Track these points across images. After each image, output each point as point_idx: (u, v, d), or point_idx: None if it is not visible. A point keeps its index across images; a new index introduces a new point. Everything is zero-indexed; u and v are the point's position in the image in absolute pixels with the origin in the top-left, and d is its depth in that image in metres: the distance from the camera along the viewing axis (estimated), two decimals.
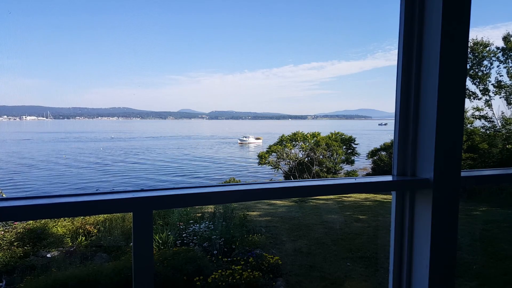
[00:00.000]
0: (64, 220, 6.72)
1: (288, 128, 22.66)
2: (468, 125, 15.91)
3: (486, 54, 15.42)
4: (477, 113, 16.00)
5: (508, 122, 15.32)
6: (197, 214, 7.61)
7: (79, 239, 6.35)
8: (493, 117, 15.90)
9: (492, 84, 15.60)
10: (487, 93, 15.82)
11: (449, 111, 1.56)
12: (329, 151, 19.21)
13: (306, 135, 19.65)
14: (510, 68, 15.12)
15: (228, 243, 6.13)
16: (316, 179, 1.64)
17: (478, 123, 16.19)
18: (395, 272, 1.73)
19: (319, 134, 19.82)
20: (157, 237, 6.11)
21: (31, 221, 6.47)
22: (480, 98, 15.98)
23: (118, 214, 6.73)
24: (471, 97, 16.00)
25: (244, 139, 36.66)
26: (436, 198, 1.57)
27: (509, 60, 15.17)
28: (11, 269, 5.34)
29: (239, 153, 33.29)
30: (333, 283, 5.31)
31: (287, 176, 19.00)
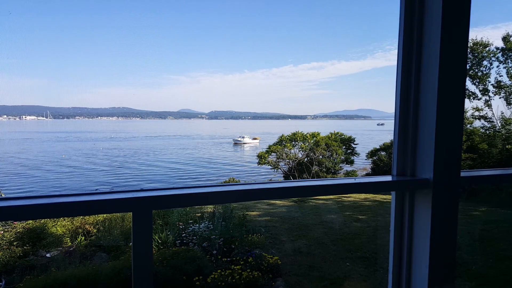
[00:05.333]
0: (64, 220, 6.72)
1: (287, 128, 22.67)
2: (468, 125, 15.93)
3: (485, 54, 15.43)
4: (476, 113, 16.02)
5: (507, 122, 15.33)
6: (197, 214, 7.61)
7: (79, 239, 6.35)
8: (493, 117, 15.91)
9: (491, 84, 15.62)
10: (486, 93, 15.83)
11: (448, 111, 1.56)
12: (328, 151, 19.21)
13: (305, 135, 19.66)
14: (510, 68, 15.13)
15: (227, 243, 6.12)
16: (315, 179, 1.63)
17: (477, 123, 16.21)
18: (394, 272, 1.73)
19: (318, 134, 19.83)
20: (156, 237, 6.11)
21: (31, 221, 6.47)
22: (480, 98, 16.00)
23: (118, 214, 6.73)
24: (471, 97, 16.01)
25: (239, 139, 36.48)
26: (435, 198, 1.57)
27: (509, 61, 15.18)
28: (10, 268, 5.34)
29: (236, 153, 33.27)
30: (332, 283, 5.31)
31: (286, 176, 19.01)
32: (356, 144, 20.69)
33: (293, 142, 19.59)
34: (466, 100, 15.80)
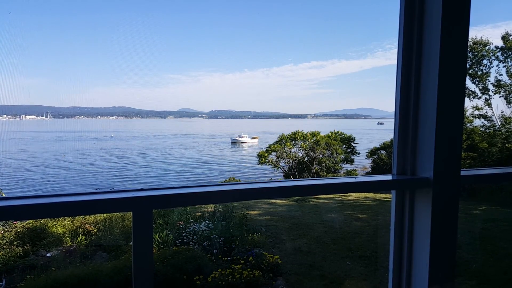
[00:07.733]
0: (64, 220, 6.72)
1: (287, 127, 22.67)
2: (468, 124, 15.92)
3: (485, 53, 15.42)
4: (476, 112, 16.01)
5: (507, 121, 15.32)
6: (197, 213, 7.61)
7: (79, 238, 6.35)
8: (493, 116, 15.91)
9: (491, 83, 15.61)
10: (486, 92, 15.82)
11: (448, 110, 1.56)
12: (328, 150, 19.21)
13: (305, 134, 19.66)
14: (509, 67, 15.12)
15: (228, 242, 6.13)
16: (315, 178, 1.63)
17: (477, 122, 16.20)
18: (395, 271, 1.73)
19: (318, 133, 19.83)
20: (157, 236, 6.11)
21: (31, 221, 6.47)
22: (480, 97, 15.99)
23: (118, 213, 6.73)
24: (471, 96, 16.00)
25: (237, 138, 36.49)
26: (436, 197, 1.57)
27: (508, 59, 15.17)
28: (11, 268, 5.35)
29: (235, 153, 33.28)
30: (332, 282, 5.31)
31: (286, 175, 19.00)
32: (356, 143, 20.68)
33: (293, 141, 19.59)
34: (466, 99, 15.79)
